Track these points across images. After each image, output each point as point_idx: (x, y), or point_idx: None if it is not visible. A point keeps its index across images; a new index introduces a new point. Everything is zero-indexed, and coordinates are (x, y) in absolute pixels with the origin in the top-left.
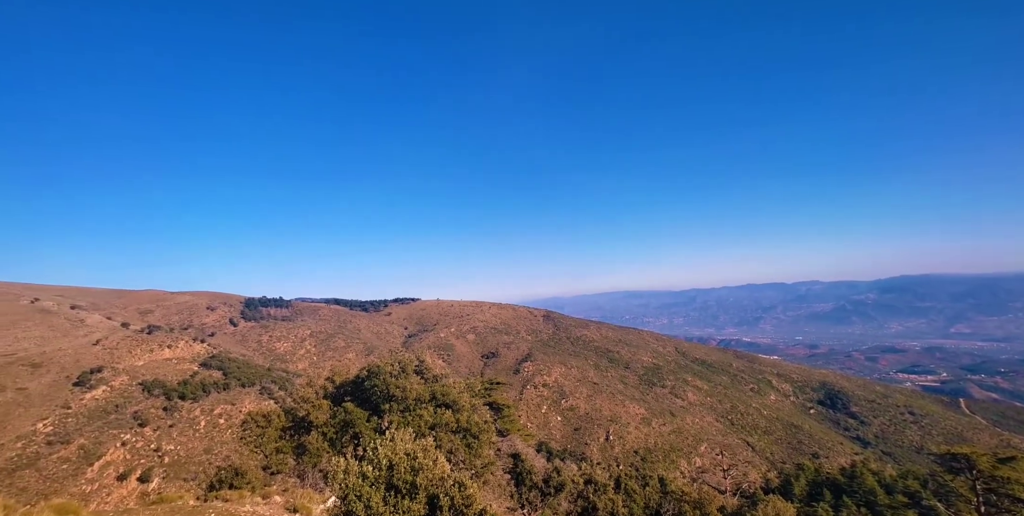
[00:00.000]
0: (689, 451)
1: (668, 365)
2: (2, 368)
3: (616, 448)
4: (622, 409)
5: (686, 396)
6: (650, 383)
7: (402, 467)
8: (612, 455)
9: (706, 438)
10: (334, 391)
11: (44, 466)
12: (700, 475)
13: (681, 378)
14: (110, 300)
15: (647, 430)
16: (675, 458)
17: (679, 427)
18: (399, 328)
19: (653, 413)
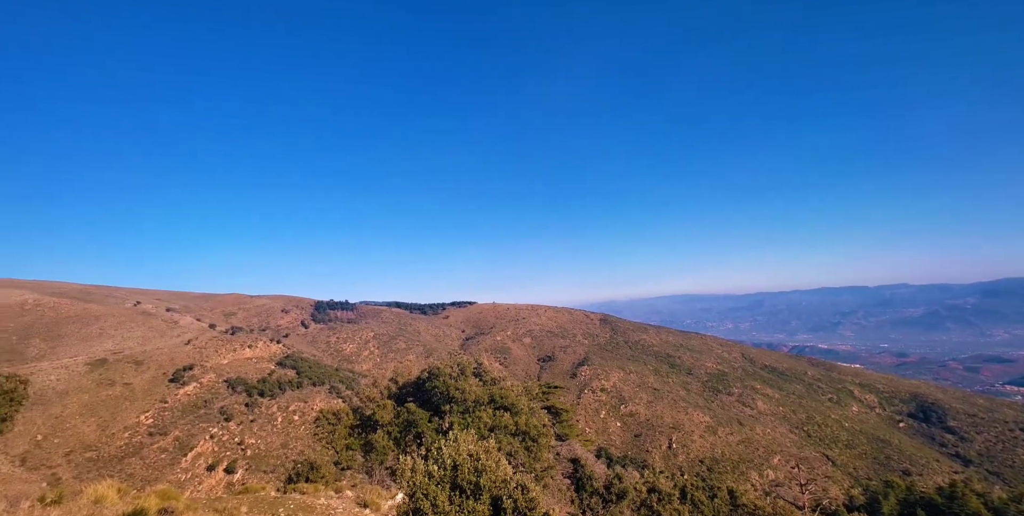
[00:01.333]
0: (760, 463)
1: (734, 372)
2: (112, 365)
3: (680, 457)
4: (685, 416)
5: (755, 405)
6: (715, 390)
7: (466, 468)
8: (675, 464)
9: (779, 450)
10: (397, 391)
11: (146, 455)
12: (774, 489)
13: (749, 386)
14: (199, 303)
15: (713, 439)
16: (745, 470)
17: (748, 437)
18: (456, 331)
19: (719, 421)
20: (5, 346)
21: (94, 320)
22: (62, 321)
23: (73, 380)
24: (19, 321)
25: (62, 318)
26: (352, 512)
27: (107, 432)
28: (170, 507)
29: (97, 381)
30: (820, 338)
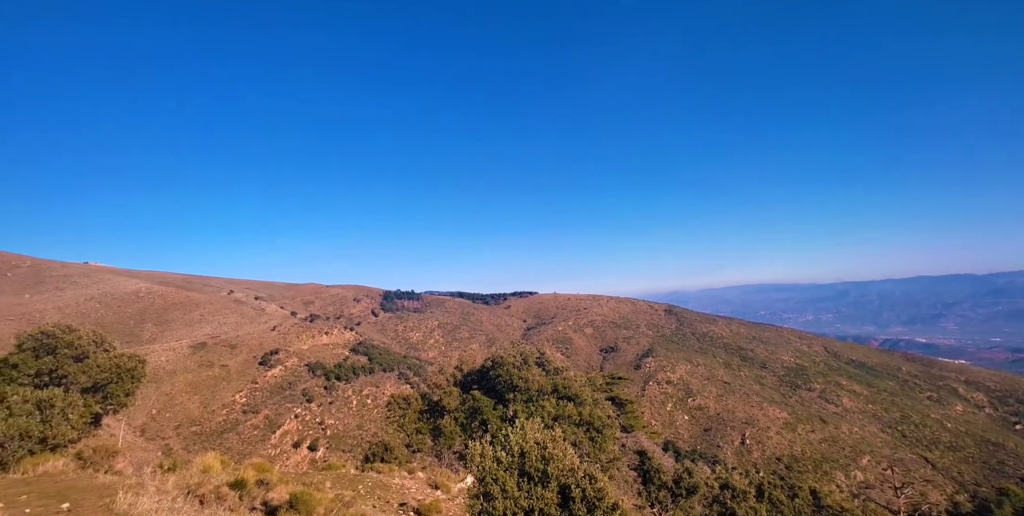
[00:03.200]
0: (847, 463)
1: (815, 366)
2: (211, 348)
3: (754, 453)
4: (759, 411)
5: (840, 401)
6: (793, 385)
7: (533, 455)
8: (750, 460)
9: (869, 450)
10: (462, 379)
11: (242, 431)
12: (863, 491)
13: (833, 381)
14: (282, 292)
15: (791, 436)
16: (829, 470)
17: (832, 435)
18: (518, 321)
19: (798, 418)
20: (125, 329)
21: (195, 307)
22: (169, 308)
23: (179, 361)
24: (135, 307)
25: (169, 305)
26: (424, 492)
27: (208, 409)
28: (265, 479)
29: (199, 362)
30: (917, 331)
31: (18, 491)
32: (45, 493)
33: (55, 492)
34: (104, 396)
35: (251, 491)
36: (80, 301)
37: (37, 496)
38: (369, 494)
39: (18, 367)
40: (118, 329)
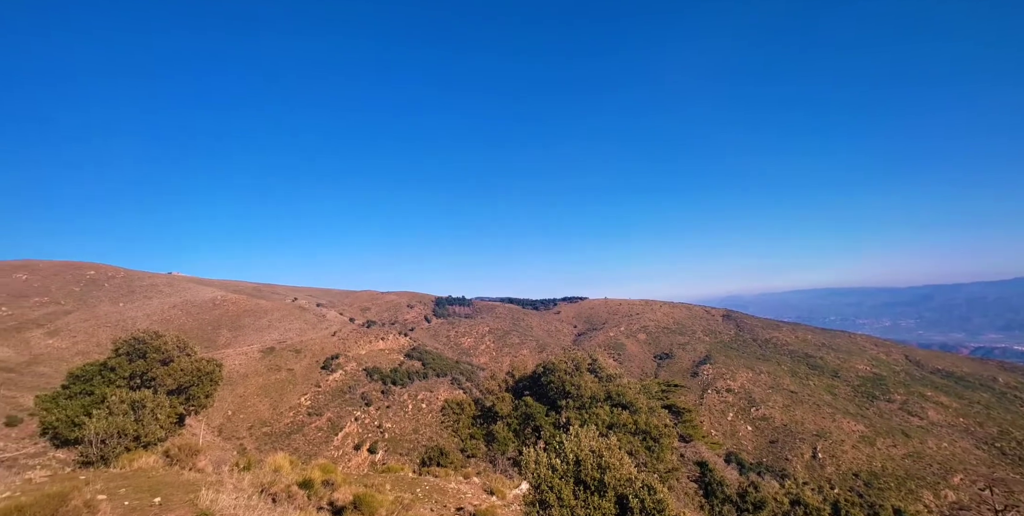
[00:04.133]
0: (935, 481)
1: (895, 376)
2: (278, 352)
3: (827, 468)
4: (832, 423)
5: (925, 414)
6: (870, 396)
7: (589, 463)
8: (823, 475)
9: (961, 468)
10: (514, 385)
11: (307, 432)
12: (956, 512)
13: (916, 392)
14: (340, 299)
15: (869, 451)
16: (915, 488)
17: (917, 451)
18: (568, 326)
19: (877, 432)
20: (203, 335)
21: (264, 314)
22: (242, 314)
23: (251, 365)
24: (212, 314)
25: (241, 312)
26: (480, 498)
27: (277, 411)
28: (330, 479)
29: (268, 366)
30: (1015, 338)
31: (118, 484)
32: (140, 487)
33: (148, 487)
34: (187, 398)
35: (318, 491)
36: (165, 309)
37: (133, 490)
38: (427, 497)
39: (115, 370)
40: (197, 335)
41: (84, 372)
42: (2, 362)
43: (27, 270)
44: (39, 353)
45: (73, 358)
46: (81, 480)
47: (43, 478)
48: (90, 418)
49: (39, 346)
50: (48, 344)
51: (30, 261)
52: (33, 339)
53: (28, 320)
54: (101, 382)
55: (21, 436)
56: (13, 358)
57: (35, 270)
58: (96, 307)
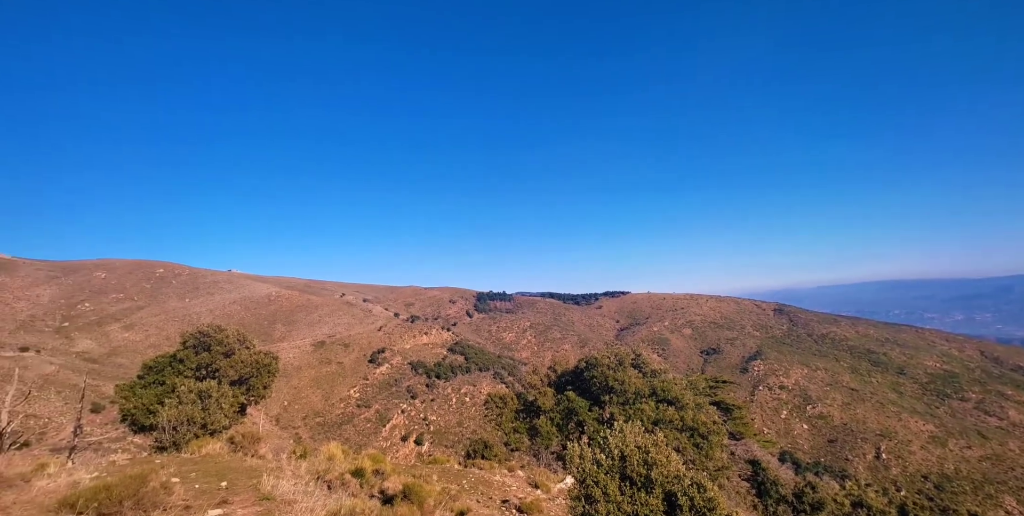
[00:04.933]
0: (1018, 487)
1: (969, 373)
2: (328, 346)
3: (893, 469)
4: (898, 423)
5: (1004, 414)
6: (940, 394)
7: (635, 459)
8: (887, 477)
9: None
10: (556, 379)
11: (357, 423)
12: None
13: (994, 390)
14: (385, 294)
15: (940, 452)
16: (994, 493)
17: (996, 453)
18: (610, 321)
19: (949, 432)
20: (260, 329)
21: (314, 309)
22: (294, 310)
23: (304, 358)
24: (268, 309)
25: (294, 307)
26: (525, 491)
27: (328, 402)
28: (380, 469)
29: (320, 359)
30: None
31: (189, 469)
32: (208, 472)
33: (215, 471)
34: (247, 388)
35: (369, 480)
36: (226, 304)
37: (202, 474)
38: (472, 489)
39: (184, 362)
40: (254, 328)
41: (156, 363)
42: (87, 353)
43: (105, 269)
44: (117, 345)
45: (146, 350)
46: (157, 464)
47: (124, 461)
48: (163, 406)
49: (117, 339)
50: (125, 337)
51: (107, 260)
52: (112, 332)
53: (107, 315)
54: (171, 373)
55: (104, 422)
56: (96, 350)
57: (112, 269)
58: (165, 303)
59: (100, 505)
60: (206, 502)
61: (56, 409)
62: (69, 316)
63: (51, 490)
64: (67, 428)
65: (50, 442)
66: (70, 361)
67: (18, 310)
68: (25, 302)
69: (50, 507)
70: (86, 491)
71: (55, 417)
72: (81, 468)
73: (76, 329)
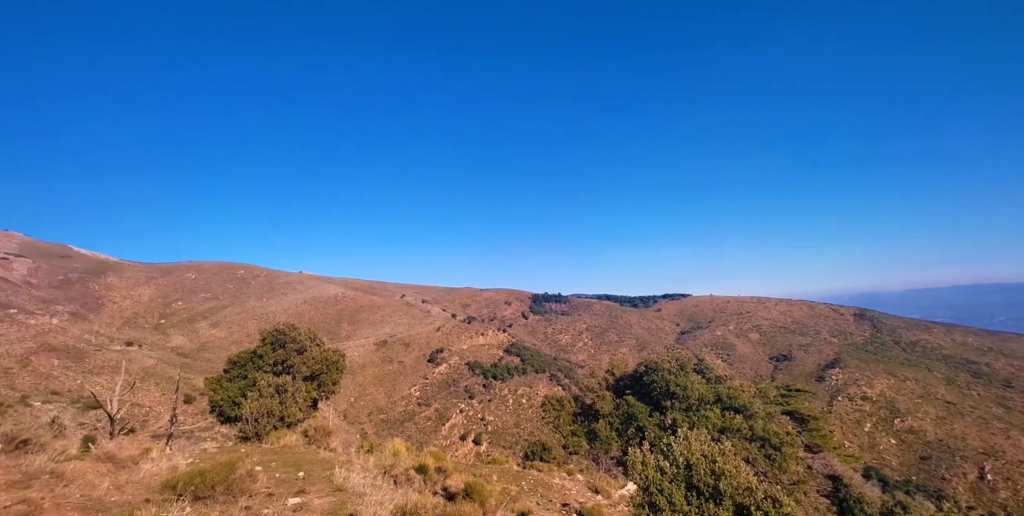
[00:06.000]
0: None
1: None
2: (390, 345)
3: (1001, 492)
4: (1005, 441)
5: None
6: None
7: (701, 468)
8: (995, 500)
9: None
10: (614, 383)
11: (417, 421)
12: None
13: None
14: (443, 295)
15: None
16: None
17: None
18: (670, 324)
19: None
20: (328, 327)
21: (377, 309)
22: (359, 309)
23: (367, 356)
24: (334, 309)
25: (358, 307)
26: (585, 495)
27: (391, 400)
28: (442, 467)
29: (382, 358)
30: None
31: (269, 458)
32: (286, 462)
33: (293, 462)
34: (318, 384)
35: (432, 477)
36: (298, 304)
37: (281, 464)
38: (532, 491)
39: (262, 358)
40: (323, 327)
41: (239, 358)
42: (180, 349)
43: (195, 270)
44: (205, 341)
45: (230, 346)
46: (242, 453)
47: (214, 449)
48: (246, 399)
49: (205, 335)
50: (211, 334)
51: (197, 262)
52: (201, 329)
53: (197, 313)
54: (252, 368)
55: (195, 412)
56: (187, 345)
57: (201, 270)
58: (245, 302)
59: (196, 489)
60: (286, 490)
61: (155, 399)
62: (165, 314)
63: (155, 473)
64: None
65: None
66: (166, 355)
67: (124, 308)
68: (129, 301)
69: (155, 488)
70: (184, 475)
71: (155, 406)
72: (178, 454)
73: (171, 326)
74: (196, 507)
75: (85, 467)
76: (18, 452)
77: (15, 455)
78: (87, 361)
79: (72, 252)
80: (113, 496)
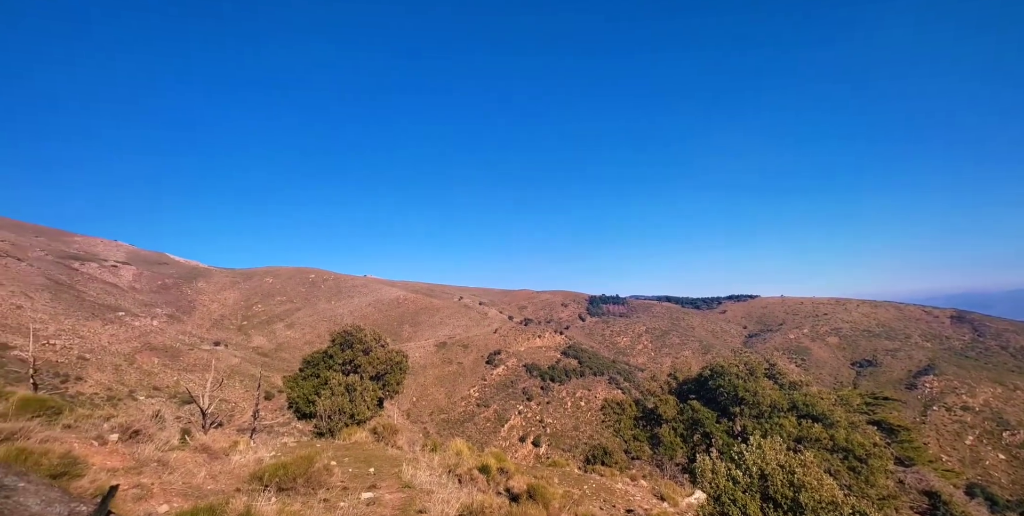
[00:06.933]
0: None
1: None
2: (449, 347)
3: None
4: None
5: None
6: None
7: (778, 479)
8: None
9: None
10: (677, 387)
11: (477, 422)
12: None
13: None
14: (500, 298)
15: None
16: None
17: None
18: (736, 327)
19: None
20: (390, 329)
21: (436, 311)
22: (419, 312)
23: (428, 357)
24: (397, 311)
25: (419, 309)
26: (650, 502)
27: (451, 400)
28: (504, 467)
29: (442, 359)
30: None
31: (342, 454)
32: (358, 458)
33: (364, 458)
34: (383, 384)
35: (495, 477)
36: (363, 306)
37: (353, 459)
38: (594, 495)
39: (333, 357)
40: (386, 328)
41: (312, 358)
42: (260, 348)
43: (272, 275)
44: (281, 341)
45: (303, 346)
46: (318, 448)
47: (293, 443)
48: (319, 397)
49: (281, 336)
50: (287, 334)
51: (274, 268)
52: (278, 330)
53: (274, 315)
54: (324, 367)
55: (274, 408)
56: (266, 345)
57: (277, 275)
58: (316, 304)
59: (280, 480)
60: (359, 485)
61: (239, 395)
62: (247, 316)
63: (243, 464)
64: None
65: (236, 423)
66: (248, 354)
67: (212, 311)
68: (217, 304)
69: (244, 478)
70: (269, 467)
71: (239, 402)
72: (261, 447)
73: (252, 327)
74: (280, 497)
75: (185, 457)
76: (132, 441)
77: (130, 444)
78: (181, 359)
79: (168, 259)
80: (209, 484)
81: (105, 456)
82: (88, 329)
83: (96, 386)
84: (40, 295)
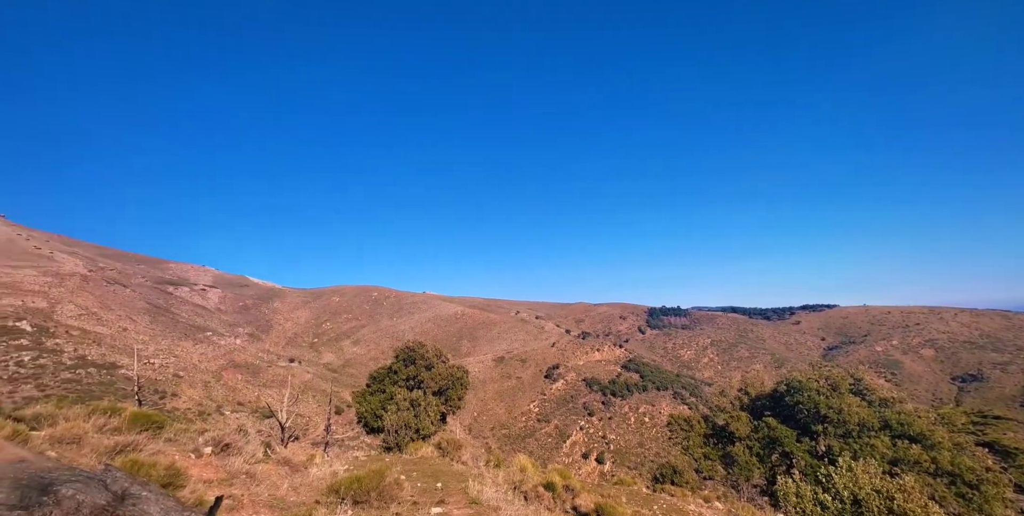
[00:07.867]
0: None
1: None
2: (507, 361)
3: None
4: None
5: None
6: None
7: (874, 505)
8: None
9: None
10: (749, 403)
11: (538, 437)
12: None
13: None
14: (556, 311)
15: None
16: None
17: None
18: (812, 338)
19: None
20: (449, 344)
21: (493, 326)
22: (477, 327)
23: (487, 372)
24: (455, 326)
25: (477, 324)
26: None
27: (511, 415)
28: (569, 485)
29: (501, 374)
30: None
31: (410, 468)
32: (425, 472)
33: (431, 473)
34: (445, 399)
35: (560, 494)
36: (423, 322)
37: (420, 474)
38: None
39: (397, 373)
40: (445, 344)
41: (378, 374)
42: (329, 365)
43: (338, 294)
44: (349, 358)
45: (368, 362)
46: (387, 462)
47: (364, 457)
48: (386, 412)
49: (349, 352)
50: (353, 351)
51: (340, 287)
52: (345, 347)
53: (341, 332)
54: (389, 383)
55: (343, 422)
56: (335, 362)
57: (343, 294)
58: (380, 321)
59: (355, 493)
60: (428, 500)
61: (312, 410)
62: (317, 333)
63: (320, 477)
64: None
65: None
66: (319, 371)
67: (287, 329)
68: (291, 323)
69: (322, 491)
70: (344, 481)
71: (312, 416)
72: (335, 461)
73: (322, 344)
74: (356, 510)
75: (269, 469)
76: (223, 454)
77: (221, 456)
78: (261, 376)
79: (248, 281)
80: (291, 496)
81: (201, 468)
82: (181, 348)
83: (189, 401)
84: (141, 318)
